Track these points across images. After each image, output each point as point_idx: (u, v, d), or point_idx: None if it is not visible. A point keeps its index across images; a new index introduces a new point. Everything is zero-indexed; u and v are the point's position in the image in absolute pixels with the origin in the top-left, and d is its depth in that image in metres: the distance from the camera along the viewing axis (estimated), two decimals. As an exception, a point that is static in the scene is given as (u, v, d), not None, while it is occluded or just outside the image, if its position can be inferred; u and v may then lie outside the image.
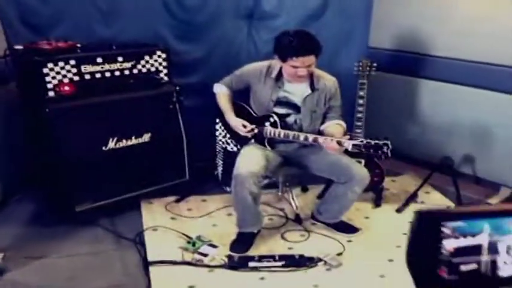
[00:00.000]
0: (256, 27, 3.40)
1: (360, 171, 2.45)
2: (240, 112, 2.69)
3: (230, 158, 2.71)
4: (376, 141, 2.20)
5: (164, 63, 2.82)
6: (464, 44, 2.99)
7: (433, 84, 3.22)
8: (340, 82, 2.72)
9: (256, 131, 2.59)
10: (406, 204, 3.00)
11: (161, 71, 2.82)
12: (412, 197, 3.05)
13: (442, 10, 3.07)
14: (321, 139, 2.37)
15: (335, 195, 2.55)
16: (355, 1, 3.49)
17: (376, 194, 3.05)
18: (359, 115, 2.91)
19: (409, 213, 2.94)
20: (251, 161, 2.42)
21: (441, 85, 3.16)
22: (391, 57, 3.39)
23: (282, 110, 2.57)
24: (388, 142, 2.20)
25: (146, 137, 2.77)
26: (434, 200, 3.11)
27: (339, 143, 2.29)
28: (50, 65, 2.37)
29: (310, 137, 2.41)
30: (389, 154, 2.22)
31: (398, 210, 2.96)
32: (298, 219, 2.78)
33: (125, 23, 3.04)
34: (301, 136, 2.44)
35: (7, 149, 2.84)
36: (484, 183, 3.12)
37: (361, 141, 2.22)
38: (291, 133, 2.48)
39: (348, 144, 2.25)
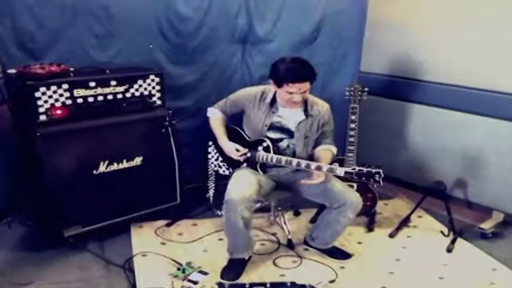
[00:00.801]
0: (250, 51, 3.40)
1: (352, 197, 2.41)
2: (233, 136, 2.67)
3: (222, 182, 2.68)
4: (368, 169, 2.19)
5: (158, 87, 2.80)
6: (454, 70, 3.01)
7: (424, 109, 3.21)
8: (333, 106, 2.72)
9: (249, 155, 2.56)
10: (398, 228, 2.96)
11: (154, 95, 2.79)
12: (405, 221, 3.01)
13: (432, 36, 3.08)
14: (313, 166, 2.34)
15: (327, 221, 2.51)
16: (347, 27, 3.51)
17: (368, 218, 3.01)
18: (351, 139, 2.88)
19: (402, 238, 2.89)
20: (243, 185, 2.38)
21: (432, 110, 3.16)
22: (382, 82, 3.40)
23: (275, 135, 2.54)
24: (380, 170, 2.18)
25: (138, 161, 2.73)
26: (426, 224, 3.07)
27: (331, 170, 2.27)
28: (43, 89, 2.35)
29: (303, 163, 2.38)
30: (381, 182, 2.21)
31: (391, 235, 2.91)
32: (290, 245, 2.72)
33: (121, 47, 3.02)
34: (294, 162, 2.41)
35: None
36: (477, 208, 3.08)
37: (353, 169, 2.21)
38: (283, 158, 2.45)
39: (340, 172, 2.24)
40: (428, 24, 3.11)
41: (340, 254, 2.62)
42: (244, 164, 2.60)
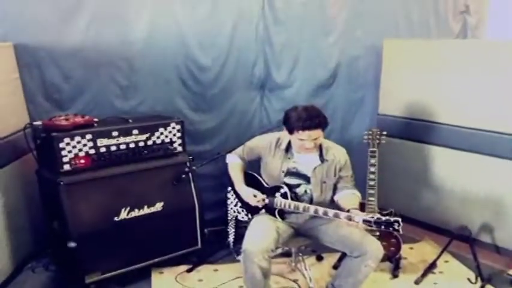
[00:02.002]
0: (268, 97, 3.44)
1: (373, 245, 2.32)
2: (251, 182, 2.64)
3: (241, 227, 2.64)
4: (387, 218, 2.12)
5: (178, 134, 2.82)
6: (470, 113, 2.95)
7: (444, 151, 3.12)
8: (352, 150, 2.69)
9: (267, 201, 2.52)
10: (424, 274, 2.82)
11: (175, 142, 2.82)
12: (431, 267, 2.87)
13: (446, 79, 3.04)
14: (330, 213, 2.29)
15: (349, 270, 2.41)
16: (363, 71, 3.55)
17: (393, 264, 2.88)
18: (371, 183, 2.82)
19: (427, 285, 2.75)
20: (260, 234, 2.33)
21: (453, 152, 3.07)
22: (401, 124, 3.34)
23: (292, 181, 2.51)
24: (399, 219, 2.11)
25: (159, 206, 2.73)
26: (453, 269, 2.92)
27: (349, 219, 2.21)
28: (67, 140, 2.40)
29: (320, 210, 2.33)
30: (401, 231, 2.12)
31: (417, 282, 2.78)
32: (311, 292, 2.63)
33: (143, 96, 3.12)
34: (311, 208, 2.36)
35: (24, 217, 2.83)
36: (505, 253, 2.92)
37: (372, 217, 2.14)
38: (301, 205, 2.40)
39: (359, 220, 2.17)
40: (441, 68, 3.07)
41: (362, 303, 2.50)
42: (263, 210, 2.56)
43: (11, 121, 2.69)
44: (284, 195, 2.48)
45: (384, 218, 2.13)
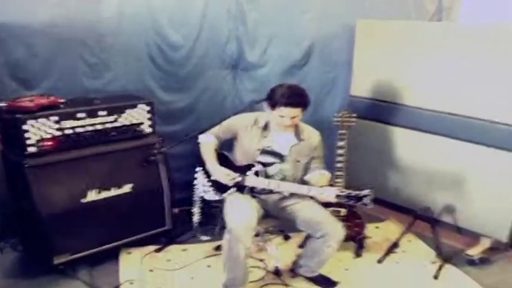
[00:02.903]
0: (241, 77, 3.44)
1: (334, 227, 2.41)
2: (221, 161, 2.67)
3: (208, 207, 2.68)
4: (357, 192, 2.19)
5: (148, 115, 2.81)
6: (439, 96, 3.00)
7: (412, 134, 3.19)
8: (324, 130, 2.74)
9: (239, 179, 2.55)
10: (387, 254, 2.94)
11: (144, 123, 2.81)
12: (393, 246, 2.99)
13: (418, 62, 3.08)
14: (303, 189, 2.36)
15: (312, 250, 2.50)
16: (336, 52, 3.55)
17: (356, 244, 2.99)
18: (339, 165, 2.87)
19: (390, 264, 2.87)
20: (244, 214, 2.37)
21: (420, 135, 3.14)
22: (371, 106, 3.39)
23: (266, 159, 2.56)
24: (370, 194, 2.19)
25: (127, 188, 2.75)
26: (415, 249, 3.05)
27: (321, 193, 2.30)
28: (31, 122, 2.37)
29: (293, 187, 2.39)
30: (371, 205, 2.21)
31: (380, 261, 2.89)
32: (277, 272, 2.71)
33: (113, 75, 3.07)
34: (284, 185, 2.43)
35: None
36: (465, 233, 3.05)
37: (343, 192, 2.22)
38: (273, 182, 2.45)
39: (331, 194, 2.25)
40: (413, 50, 3.09)
41: (326, 282, 2.60)
42: (233, 189, 2.59)
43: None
44: (256, 174, 2.52)
45: (353, 193, 2.21)
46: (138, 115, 2.78)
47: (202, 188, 2.73)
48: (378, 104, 3.35)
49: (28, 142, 2.39)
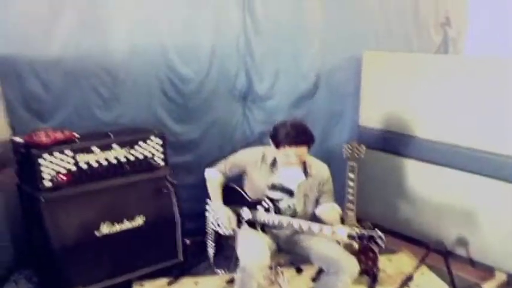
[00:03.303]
0: (250, 108, 3.48)
1: (348, 262, 2.38)
2: (232, 195, 2.68)
3: (221, 241, 2.68)
4: (370, 233, 2.18)
5: (160, 148, 2.85)
6: (449, 129, 3.01)
7: (422, 165, 3.19)
8: (333, 161, 2.79)
9: (250, 216, 2.55)
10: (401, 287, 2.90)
11: (156, 155, 2.84)
12: (407, 280, 2.95)
13: (425, 93, 3.11)
14: (315, 227, 2.35)
15: (325, 284, 2.46)
16: (343, 82, 3.59)
17: (370, 277, 2.96)
18: (350, 197, 2.87)
19: (403, 298, 2.84)
20: (257, 250, 2.36)
21: (430, 166, 3.14)
22: (380, 137, 3.41)
23: (275, 195, 2.56)
24: (382, 235, 2.17)
25: (139, 220, 2.76)
26: (429, 282, 3.00)
27: (333, 233, 2.28)
28: (46, 157, 2.40)
29: (304, 225, 2.39)
30: (383, 246, 2.19)
31: (393, 295, 2.86)
32: (289, 307, 2.69)
33: (125, 107, 3.13)
34: (295, 223, 2.41)
35: (6, 230, 2.83)
36: (479, 266, 3.02)
37: (356, 232, 2.21)
38: (284, 220, 2.45)
39: (343, 234, 2.24)
40: (420, 82, 3.13)
41: (339, 316, 2.57)
42: (245, 225, 2.60)
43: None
44: (267, 210, 2.53)
45: (366, 233, 2.20)
46: (151, 148, 2.81)
47: (214, 222, 2.74)
48: (387, 134, 3.37)
49: (43, 176, 2.42)
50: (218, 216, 2.61)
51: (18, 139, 2.51)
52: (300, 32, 3.42)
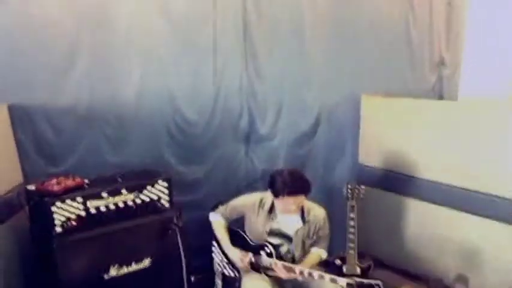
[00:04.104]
0: (253, 148, 3.56)
1: (349, 305, 2.43)
2: (236, 238, 2.74)
3: (228, 283, 2.72)
4: (369, 282, 2.23)
5: (166, 191, 2.91)
6: (447, 170, 3.06)
7: (421, 204, 3.23)
8: (334, 196, 2.85)
9: (253, 259, 2.61)
10: (403, 326, 2.92)
11: (162, 198, 2.91)
12: (408, 316, 2.98)
13: (423, 136, 3.18)
14: (315, 274, 2.40)
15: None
16: (343, 121, 3.66)
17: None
18: (351, 237, 2.92)
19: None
20: None
21: (430, 206, 3.18)
22: (380, 175, 3.46)
23: (275, 240, 2.63)
24: (380, 283, 2.22)
25: (146, 262, 2.80)
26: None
27: (333, 280, 2.33)
28: (58, 204, 2.48)
29: (305, 272, 2.43)
30: None
31: (395, 333, 2.88)
32: None
33: (133, 150, 3.20)
34: (297, 269, 2.46)
35: (18, 270, 2.87)
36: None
37: (354, 281, 2.26)
38: (287, 265, 2.50)
39: (342, 283, 2.28)
40: (418, 125, 3.20)
41: None
42: (248, 267, 2.65)
43: (6, 179, 2.76)
44: (269, 255, 2.58)
45: (365, 282, 2.25)
46: (157, 191, 2.87)
47: (221, 264, 2.80)
48: (386, 173, 3.43)
49: (55, 223, 2.48)
50: (231, 258, 2.66)
51: (31, 187, 2.58)
52: (301, 72, 3.52)
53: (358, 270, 2.86)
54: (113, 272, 2.68)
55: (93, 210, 2.61)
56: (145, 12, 3.05)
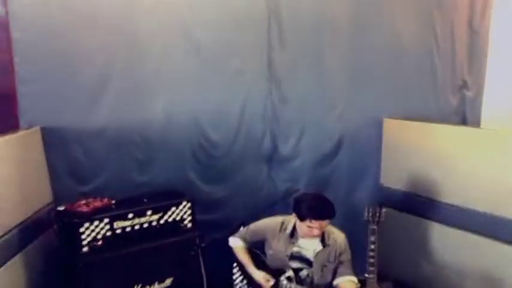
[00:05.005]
0: (275, 168, 3.55)
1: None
2: (255, 262, 2.72)
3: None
4: None
5: (189, 212, 2.92)
6: (470, 194, 2.97)
7: (443, 228, 3.14)
8: (356, 216, 2.81)
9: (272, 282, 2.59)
10: None
11: (185, 219, 2.92)
12: None
13: (445, 160, 3.10)
14: None
15: None
16: (365, 143, 3.60)
17: None
18: (371, 260, 2.83)
19: None
20: None
21: (451, 230, 3.09)
22: (402, 197, 3.39)
23: (295, 264, 2.60)
24: None
25: (168, 282, 2.82)
26: None
27: None
28: (86, 225, 2.53)
29: None
30: None
31: None
32: None
33: (159, 170, 3.24)
34: None
35: None
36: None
37: None
38: None
39: None
40: (439, 150, 3.14)
41: None
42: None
43: (36, 198, 2.83)
44: (289, 279, 2.56)
45: None
46: (180, 211, 2.89)
47: (240, 285, 2.78)
48: (407, 195, 3.36)
49: (82, 243, 2.53)
50: (256, 279, 2.64)
51: (60, 208, 2.64)
52: (323, 96, 3.50)
53: (379, 294, 2.80)
54: (136, 291, 2.69)
55: (119, 231, 2.65)
56: (174, 42, 3.12)
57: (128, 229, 2.69)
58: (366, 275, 2.80)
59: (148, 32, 3.05)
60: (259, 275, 2.63)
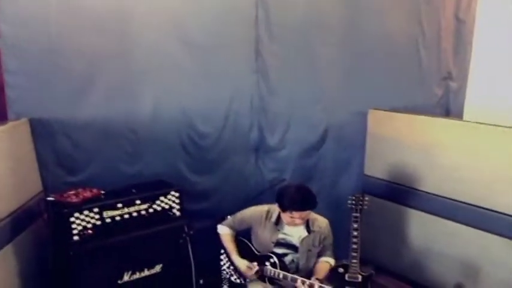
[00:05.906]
0: (263, 158, 3.60)
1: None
2: (242, 249, 2.80)
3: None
4: None
5: (177, 201, 2.97)
6: (450, 185, 3.07)
7: (423, 216, 3.25)
8: (341, 205, 2.94)
9: (257, 268, 2.66)
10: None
11: (174, 208, 2.97)
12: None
13: (428, 151, 3.18)
14: (316, 286, 2.43)
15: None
16: (349, 134, 3.68)
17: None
18: (354, 246, 2.95)
19: None
20: None
21: (431, 217, 3.19)
22: (384, 186, 3.49)
23: (280, 250, 2.67)
24: None
25: (158, 268, 2.88)
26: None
27: None
28: (76, 214, 2.57)
29: (306, 283, 2.47)
30: None
31: None
32: None
33: (148, 161, 3.27)
34: (298, 280, 2.50)
35: (36, 276, 2.97)
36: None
37: None
38: (289, 275, 2.54)
39: None
40: (421, 141, 3.22)
41: None
42: (254, 276, 2.70)
43: (27, 188, 2.86)
44: (273, 265, 2.63)
45: None
46: (169, 201, 2.94)
47: (228, 271, 2.85)
48: (390, 185, 3.45)
49: (73, 232, 2.57)
50: (239, 267, 2.72)
51: (50, 198, 2.68)
52: (310, 88, 3.55)
53: (360, 278, 2.90)
54: (126, 277, 2.75)
55: (108, 220, 2.70)
56: (164, 38, 3.14)
57: (118, 218, 2.73)
58: (349, 261, 2.92)
59: (137, 24, 3.06)
60: (241, 263, 2.70)
